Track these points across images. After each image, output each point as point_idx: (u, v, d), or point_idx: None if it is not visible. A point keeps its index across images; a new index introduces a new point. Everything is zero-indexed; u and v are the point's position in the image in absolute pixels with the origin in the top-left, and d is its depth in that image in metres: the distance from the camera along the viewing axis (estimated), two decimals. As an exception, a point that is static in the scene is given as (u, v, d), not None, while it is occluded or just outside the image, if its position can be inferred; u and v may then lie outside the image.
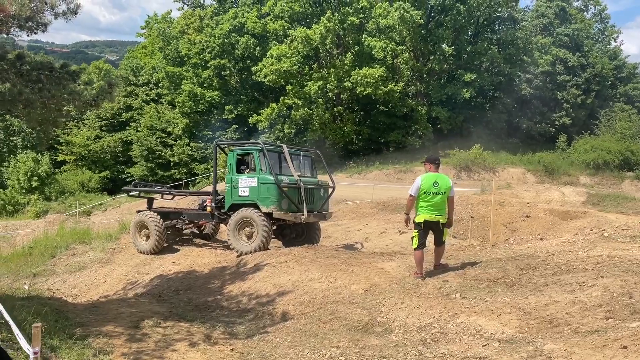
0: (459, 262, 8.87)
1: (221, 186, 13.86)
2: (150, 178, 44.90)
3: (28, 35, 7.25)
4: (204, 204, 13.26)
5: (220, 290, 9.77)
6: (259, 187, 11.93)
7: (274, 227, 12.44)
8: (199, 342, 6.62)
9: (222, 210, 12.67)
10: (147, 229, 13.39)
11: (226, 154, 13.87)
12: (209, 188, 16.13)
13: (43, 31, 7.06)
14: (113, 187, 47.27)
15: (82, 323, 7.25)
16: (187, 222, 13.80)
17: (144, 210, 14.12)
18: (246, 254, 11.45)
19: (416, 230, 8.15)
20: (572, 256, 8.09)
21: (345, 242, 14.28)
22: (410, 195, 8.11)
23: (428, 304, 6.70)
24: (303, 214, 11.94)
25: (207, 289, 10.07)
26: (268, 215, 11.78)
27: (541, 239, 11.10)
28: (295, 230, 13.55)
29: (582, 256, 7.97)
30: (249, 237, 11.75)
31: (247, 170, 12.28)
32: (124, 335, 6.67)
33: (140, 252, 13.48)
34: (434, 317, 6.26)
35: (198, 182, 39.24)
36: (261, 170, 12.04)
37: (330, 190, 13.56)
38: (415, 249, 8.16)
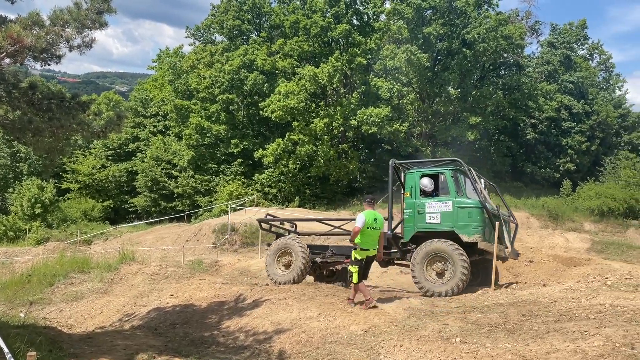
0: (460, 305, 8.77)
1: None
2: (152, 209, 44.91)
3: (42, 66, 7.37)
4: None
5: (217, 326, 9.65)
6: (455, 211, 10.22)
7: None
8: (193, 378, 6.51)
9: (402, 241, 10.83)
10: (290, 255, 11.59)
11: (399, 177, 11.68)
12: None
13: (57, 62, 7.17)
14: (115, 216, 47.26)
15: (76, 354, 7.16)
16: (334, 257, 11.80)
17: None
18: (439, 295, 9.69)
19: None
20: (575, 304, 7.99)
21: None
22: None
23: (427, 347, 6.59)
24: (507, 247, 10.18)
25: (204, 323, 9.95)
26: (471, 247, 10.05)
27: (544, 285, 10.97)
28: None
29: (585, 304, 7.87)
30: (440, 274, 9.96)
31: (434, 193, 10.57)
32: (118, 369, 6.58)
33: (276, 283, 11.51)
34: (433, 362, 6.15)
35: (201, 215, 39.16)
36: (456, 192, 10.40)
37: (513, 227, 11.95)
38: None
